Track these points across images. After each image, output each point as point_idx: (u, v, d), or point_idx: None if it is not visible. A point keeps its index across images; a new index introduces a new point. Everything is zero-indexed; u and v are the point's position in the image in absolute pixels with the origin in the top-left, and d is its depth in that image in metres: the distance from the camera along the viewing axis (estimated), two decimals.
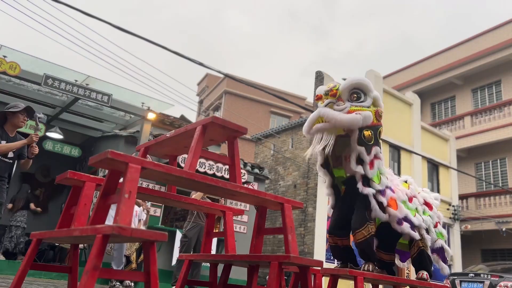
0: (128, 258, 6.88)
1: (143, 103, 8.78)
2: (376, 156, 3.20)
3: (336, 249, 3.40)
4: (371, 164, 3.15)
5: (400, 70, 20.87)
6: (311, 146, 3.21)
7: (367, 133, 3.14)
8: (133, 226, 6.10)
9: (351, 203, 3.25)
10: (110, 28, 6.83)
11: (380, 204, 3.15)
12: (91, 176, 2.67)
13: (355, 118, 3.04)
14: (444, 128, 18.47)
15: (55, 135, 8.91)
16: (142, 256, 6.94)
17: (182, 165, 7.29)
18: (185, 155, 5.51)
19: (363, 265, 3.14)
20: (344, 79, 3.35)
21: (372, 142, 3.17)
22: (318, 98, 3.28)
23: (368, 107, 3.18)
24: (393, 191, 3.30)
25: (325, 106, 3.16)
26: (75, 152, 9.52)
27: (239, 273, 7.26)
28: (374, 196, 3.14)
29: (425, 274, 3.35)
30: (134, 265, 7.06)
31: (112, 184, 2.21)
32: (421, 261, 3.40)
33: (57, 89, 7.65)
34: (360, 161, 3.13)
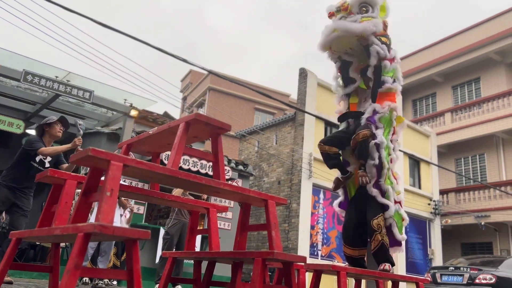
0: None
1: (125, 99, 8.68)
2: (394, 59, 3.66)
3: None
4: (392, 60, 3.59)
5: None
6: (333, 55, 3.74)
7: (384, 39, 3.57)
8: (118, 224, 6.03)
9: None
10: (91, 23, 6.72)
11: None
12: (72, 174, 2.63)
13: (367, 25, 3.44)
14: (425, 124, 18.75)
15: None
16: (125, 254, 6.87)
17: (166, 162, 7.25)
18: (169, 152, 5.48)
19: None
20: None
21: (388, 44, 3.60)
22: (330, 15, 3.66)
23: (376, 17, 3.59)
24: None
25: (339, 20, 3.57)
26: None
27: (224, 270, 7.27)
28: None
29: (387, 265, 3.36)
30: (111, 264, 6.98)
31: (93, 182, 2.18)
32: (383, 254, 3.41)
33: (37, 85, 7.50)
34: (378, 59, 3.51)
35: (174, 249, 6.24)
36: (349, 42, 3.59)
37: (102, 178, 2.05)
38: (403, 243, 3.55)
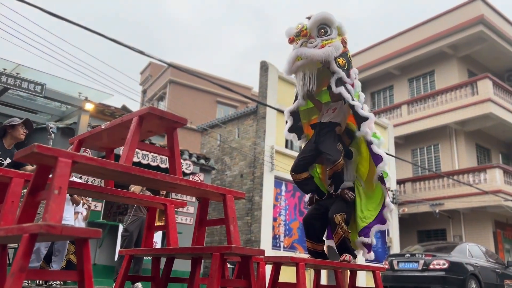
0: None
1: (80, 93, 8.37)
2: (355, 77, 3.76)
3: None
4: (352, 85, 3.66)
5: None
6: (298, 84, 3.76)
7: (340, 60, 3.61)
8: (72, 222, 5.81)
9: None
10: (42, 14, 6.41)
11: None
12: (18, 171, 2.50)
13: (328, 51, 3.52)
14: (383, 116, 19.27)
15: None
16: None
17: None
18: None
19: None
20: (308, 18, 3.75)
21: (347, 67, 3.66)
22: (291, 40, 3.70)
23: (335, 38, 3.64)
24: None
25: (300, 46, 3.60)
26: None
27: (186, 265, 7.20)
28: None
29: (347, 256, 3.54)
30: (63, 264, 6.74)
31: (41, 180, 2.08)
32: (345, 246, 3.58)
33: None
34: (340, 83, 3.57)
35: (133, 246, 6.11)
36: (313, 66, 3.69)
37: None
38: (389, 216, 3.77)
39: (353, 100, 3.54)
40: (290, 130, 4.12)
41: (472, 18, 17.17)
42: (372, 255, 3.72)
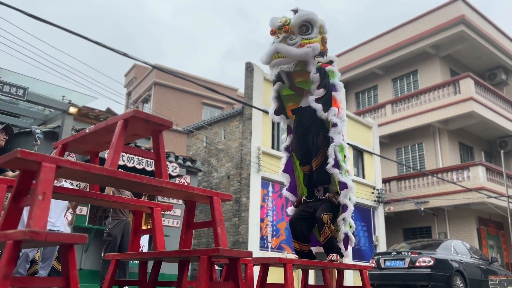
0: (33, 259, 6.44)
1: (63, 96, 8.25)
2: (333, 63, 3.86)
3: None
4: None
5: None
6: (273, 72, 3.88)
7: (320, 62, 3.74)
8: (62, 228, 5.70)
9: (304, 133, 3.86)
10: (23, 16, 6.32)
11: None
12: (1, 177, 2.46)
13: (306, 52, 3.63)
14: (367, 116, 19.45)
15: None
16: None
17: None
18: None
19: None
20: (293, 10, 3.86)
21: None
22: (273, 32, 3.78)
23: (316, 37, 3.75)
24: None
25: (280, 41, 3.70)
26: None
27: (173, 268, 7.16)
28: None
29: (335, 256, 3.56)
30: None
31: (24, 185, 2.05)
32: (332, 246, 3.60)
33: None
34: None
35: (116, 250, 6.04)
36: (289, 64, 3.76)
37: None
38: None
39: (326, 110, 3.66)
40: (277, 112, 4.14)
41: (453, 18, 17.46)
42: (348, 253, 3.76)
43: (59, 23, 6.32)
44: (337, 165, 3.59)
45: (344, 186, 3.59)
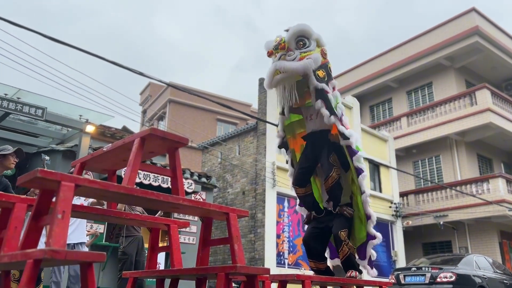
0: (39, 277, 6.48)
1: (80, 115, 8.41)
2: (334, 89, 3.71)
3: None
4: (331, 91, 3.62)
5: (340, 75, 21.61)
6: (279, 97, 3.70)
7: (320, 72, 3.56)
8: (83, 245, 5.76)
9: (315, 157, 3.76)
10: (36, 37, 6.49)
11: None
12: (21, 196, 2.50)
13: (307, 63, 3.46)
14: (382, 129, 19.30)
15: None
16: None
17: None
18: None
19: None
20: (286, 30, 3.71)
21: (327, 79, 3.62)
22: (269, 54, 3.65)
23: (314, 50, 3.59)
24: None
25: (279, 59, 3.56)
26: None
27: (190, 286, 7.12)
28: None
29: (354, 272, 3.49)
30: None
31: (44, 204, 2.08)
32: (350, 263, 3.54)
33: None
34: (319, 95, 3.53)
35: (133, 268, 6.02)
36: (292, 79, 3.62)
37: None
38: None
39: (332, 114, 3.50)
40: (280, 146, 4.11)
41: (467, 30, 17.34)
42: (374, 272, 3.69)
43: (74, 44, 6.47)
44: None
45: (360, 171, 3.57)
